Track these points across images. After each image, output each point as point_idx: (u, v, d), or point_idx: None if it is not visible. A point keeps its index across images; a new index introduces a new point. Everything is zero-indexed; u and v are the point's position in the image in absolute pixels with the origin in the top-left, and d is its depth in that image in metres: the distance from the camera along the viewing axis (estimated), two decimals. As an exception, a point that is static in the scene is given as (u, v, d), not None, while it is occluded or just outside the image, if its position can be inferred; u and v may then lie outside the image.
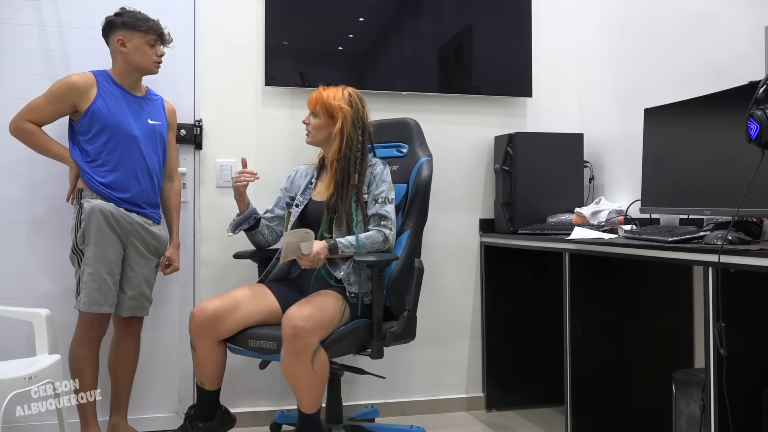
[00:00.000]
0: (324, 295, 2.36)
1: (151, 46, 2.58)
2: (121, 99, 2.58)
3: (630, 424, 2.61)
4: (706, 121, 2.29)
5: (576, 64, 3.39)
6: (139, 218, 2.57)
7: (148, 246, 2.59)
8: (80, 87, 2.53)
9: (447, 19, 3.21)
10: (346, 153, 2.47)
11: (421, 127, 2.82)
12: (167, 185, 2.76)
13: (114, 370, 2.66)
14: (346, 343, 2.36)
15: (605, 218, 2.76)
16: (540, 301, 3.19)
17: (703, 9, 2.56)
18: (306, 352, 2.17)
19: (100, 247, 2.47)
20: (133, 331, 2.66)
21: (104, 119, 2.52)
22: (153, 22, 2.59)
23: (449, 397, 3.22)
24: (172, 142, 2.77)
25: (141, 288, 2.58)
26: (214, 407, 2.48)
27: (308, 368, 2.18)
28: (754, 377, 1.90)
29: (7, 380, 2.01)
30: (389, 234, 2.45)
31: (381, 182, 2.49)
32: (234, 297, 2.40)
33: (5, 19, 2.76)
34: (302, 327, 2.16)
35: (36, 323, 2.26)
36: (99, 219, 2.46)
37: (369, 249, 2.41)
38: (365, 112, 2.55)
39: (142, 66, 2.59)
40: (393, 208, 2.49)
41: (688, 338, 2.67)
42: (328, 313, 2.27)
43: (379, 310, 2.37)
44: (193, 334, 2.37)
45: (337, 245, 2.37)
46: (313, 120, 2.54)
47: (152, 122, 2.63)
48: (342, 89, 2.54)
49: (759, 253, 1.72)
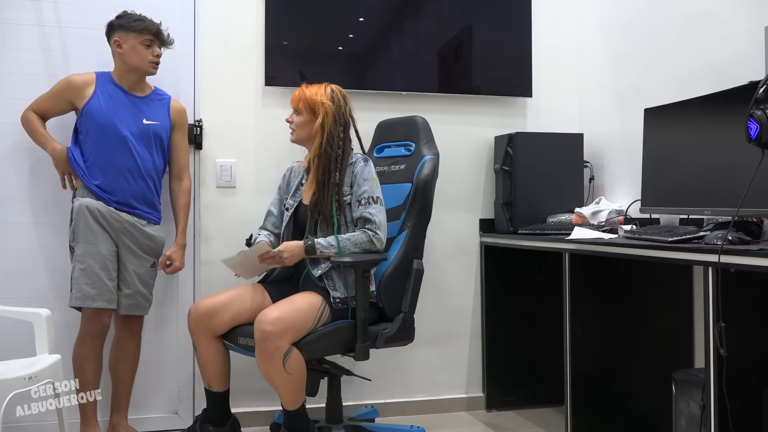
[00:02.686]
0: (300, 297, 2.36)
1: (146, 46, 2.58)
2: (116, 99, 2.59)
3: (630, 424, 2.61)
4: (706, 121, 2.29)
5: (576, 64, 3.39)
6: (130, 218, 2.57)
7: (140, 245, 2.59)
8: (77, 85, 2.56)
9: (447, 19, 3.21)
10: (326, 149, 2.45)
11: (429, 125, 2.78)
12: (176, 184, 2.76)
13: (114, 370, 2.66)
14: (324, 344, 2.35)
15: (605, 218, 2.76)
16: (540, 301, 3.19)
17: (703, 9, 2.56)
18: (276, 355, 2.19)
19: (90, 243, 2.50)
20: (133, 331, 2.66)
21: (95, 118, 2.54)
22: (148, 22, 2.59)
23: (449, 397, 3.22)
24: (180, 142, 2.75)
25: (137, 286, 2.58)
26: (225, 413, 2.49)
27: (281, 370, 2.20)
28: (754, 377, 1.90)
29: (7, 380, 2.01)
30: (374, 236, 2.41)
31: (362, 181, 2.45)
32: (229, 295, 2.46)
33: (5, 19, 2.76)
34: (269, 331, 2.19)
35: (36, 323, 2.26)
36: (86, 216, 2.50)
37: (352, 250, 2.39)
38: (348, 108, 2.54)
39: (137, 66, 2.59)
40: (380, 208, 2.45)
41: (688, 338, 2.67)
42: (301, 315, 2.27)
43: (363, 311, 2.36)
44: (190, 330, 2.44)
45: (315, 245, 2.38)
46: (296, 117, 2.53)
47: (148, 122, 2.63)
48: (325, 86, 2.53)
49: (759, 253, 1.72)
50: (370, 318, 2.44)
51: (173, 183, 2.76)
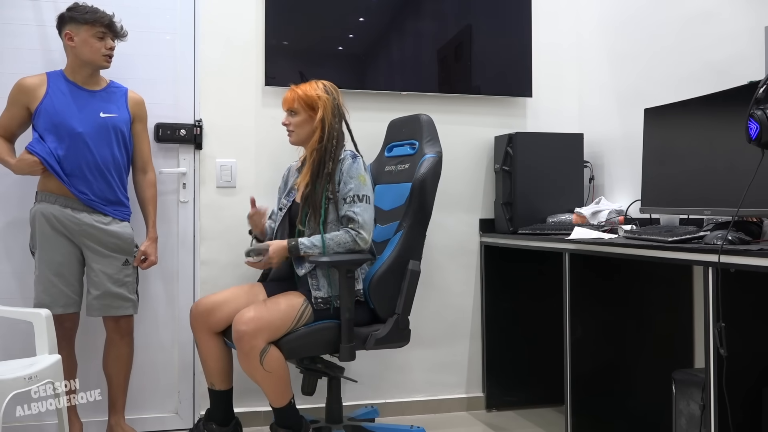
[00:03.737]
0: (282, 297, 2.37)
1: (99, 39, 2.52)
2: (68, 95, 2.54)
3: (630, 424, 2.61)
4: (706, 121, 2.29)
5: (576, 64, 3.39)
6: (90, 217, 2.53)
7: (105, 244, 2.55)
8: (29, 87, 2.53)
9: (447, 19, 3.20)
10: (326, 143, 2.44)
11: (433, 123, 2.73)
12: (140, 177, 2.71)
13: (108, 371, 2.65)
14: (306, 343, 2.34)
15: (605, 218, 2.76)
16: (540, 301, 3.18)
17: (703, 9, 2.56)
18: (252, 354, 2.22)
19: (44, 250, 2.50)
20: (122, 332, 2.64)
21: (50, 117, 2.50)
22: (101, 14, 2.53)
23: (449, 397, 3.22)
24: (141, 134, 2.70)
25: (106, 287, 2.54)
26: (228, 412, 2.50)
27: (259, 368, 2.23)
28: (754, 377, 1.90)
29: (7, 380, 2.01)
30: (357, 236, 2.39)
31: (349, 179, 2.42)
32: (228, 293, 2.50)
33: (5, 19, 2.76)
34: (244, 330, 2.22)
35: (36, 323, 2.26)
36: (41, 222, 2.50)
37: (336, 250, 2.38)
38: (341, 100, 2.53)
39: (90, 60, 2.54)
40: (365, 206, 2.41)
41: (688, 338, 2.67)
42: (278, 314, 2.29)
43: (347, 311, 2.35)
44: (191, 327, 2.49)
45: (298, 246, 2.37)
46: (294, 118, 2.51)
47: (105, 115, 2.57)
48: (315, 82, 2.52)
49: (759, 253, 1.72)
50: (363, 319, 2.44)
51: (137, 176, 2.71)
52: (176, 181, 2.94)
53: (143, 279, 2.74)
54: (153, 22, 2.89)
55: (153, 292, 2.89)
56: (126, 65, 2.74)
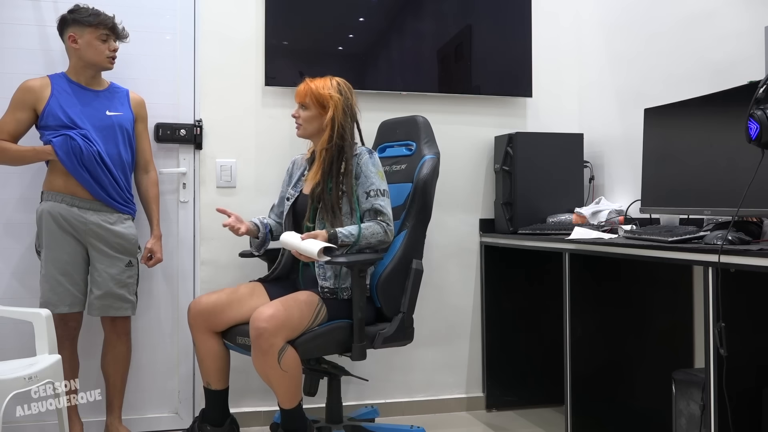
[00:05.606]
0: (297, 295, 2.36)
1: (102, 41, 2.55)
2: (73, 95, 2.56)
3: (630, 424, 2.61)
4: (706, 121, 2.29)
5: (576, 64, 3.39)
6: (96, 217, 2.54)
7: (110, 245, 2.56)
8: (35, 88, 2.54)
9: (447, 19, 3.20)
10: (337, 142, 2.44)
11: (430, 124, 2.77)
12: (142, 177, 2.73)
13: (105, 371, 2.66)
14: (320, 343, 2.34)
15: (605, 218, 2.76)
16: (540, 301, 3.19)
17: (703, 9, 2.56)
18: (271, 352, 2.19)
19: (50, 249, 2.51)
20: (120, 332, 2.64)
21: (57, 117, 2.51)
22: (104, 16, 2.56)
23: (449, 397, 3.22)
24: (143, 133, 2.72)
25: (108, 287, 2.55)
26: (223, 412, 2.49)
27: (276, 367, 2.21)
28: (754, 377, 1.90)
29: (7, 380, 2.01)
30: (387, 227, 2.42)
31: (369, 173, 2.45)
32: (228, 292, 2.48)
33: (5, 19, 2.76)
34: (264, 328, 2.19)
35: (36, 323, 2.26)
36: (48, 221, 2.50)
37: (369, 240, 2.39)
38: (354, 100, 2.53)
39: (94, 61, 2.56)
40: (388, 201, 2.46)
41: (688, 338, 2.67)
42: (296, 313, 2.27)
43: (359, 311, 2.35)
44: (189, 326, 2.47)
45: (337, 234, 2.36)
46: (303, 112, 2.51)
47: (111, 113, 2.59)
48: (330, 79, 2.52)
49: (759, 253, 1.72)
50: (368, 318, 2.44)
51: (140, 175, 2.73)
52: (176, 181, 2.94)
53: (143, 279, 2.74)
54: (153, 22, 2.89)
55: (153, 292, 2.89)
56: (126, 65, 2.75)
